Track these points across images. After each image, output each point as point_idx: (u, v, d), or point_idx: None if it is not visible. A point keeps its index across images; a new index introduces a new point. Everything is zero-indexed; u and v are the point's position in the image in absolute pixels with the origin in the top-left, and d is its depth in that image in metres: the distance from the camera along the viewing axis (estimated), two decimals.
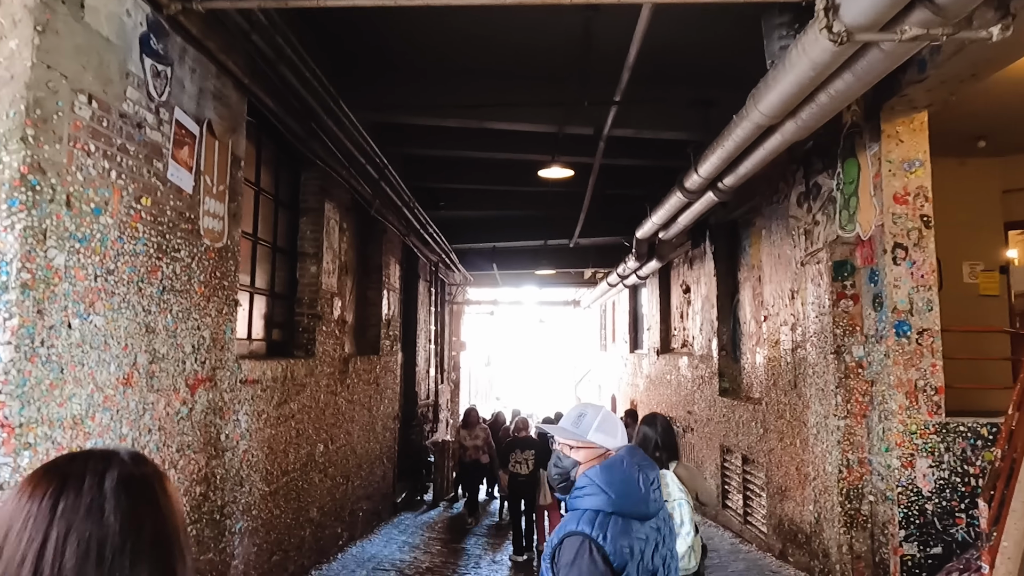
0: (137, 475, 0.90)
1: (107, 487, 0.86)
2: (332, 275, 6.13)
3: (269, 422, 4.67)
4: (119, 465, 0.89)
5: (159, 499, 0.90)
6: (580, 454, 2.10)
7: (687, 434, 10.89)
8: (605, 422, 2.11)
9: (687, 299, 11.14)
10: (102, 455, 0.91)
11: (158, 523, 0.88)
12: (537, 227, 11.19)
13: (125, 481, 0.88)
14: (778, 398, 6.83)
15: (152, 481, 0.91)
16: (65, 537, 0.82)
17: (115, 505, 0.85)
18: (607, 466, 1.99)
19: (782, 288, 6.76)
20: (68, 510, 0.84)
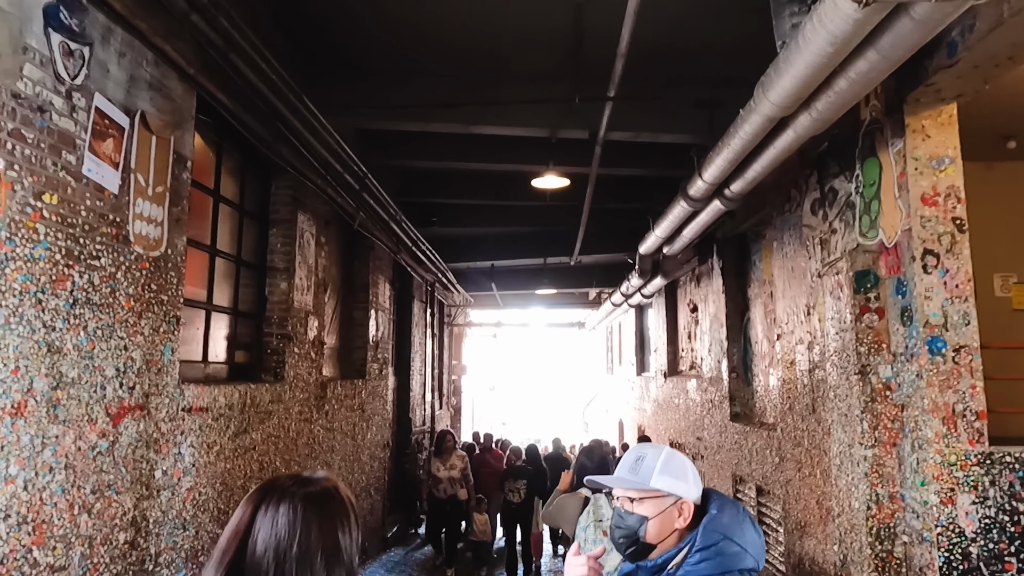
0: (315, 495, 1.23)
1: (292, 503, 1.20)
2: (306, 292, 5.66)
3: (223, 455, 4.17)
4: (308, 486, 1.25)
5: (326, 517, 1.21)
6: (646, 507, 1.70)
7: (697, 461, 10.27)
8: (670, 463, 1.73)
9: (694, 318, 10.60)
10: (299, 479, 1.29)
11: (324, 533, 1.18)
12: (536, 244, 10.73)
13: (306, 499, 1.22)
14: (795, 424, 6.25)
15: (325, 502, 1.22)
16: (258, 534, 1.20)
17: (294, 516, 1.19)
18: (720, 514, 1.66)
19: (796, 304, 6.23)
20: (263, 516, 1.22)
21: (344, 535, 1.21)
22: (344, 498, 1.28)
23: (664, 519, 1.67)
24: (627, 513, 1.71)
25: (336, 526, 1.21)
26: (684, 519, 1.68)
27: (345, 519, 1.23)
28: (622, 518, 1.72)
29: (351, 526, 1.23)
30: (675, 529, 1.68)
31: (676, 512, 1.68)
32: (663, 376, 12.25)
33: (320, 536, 1.19)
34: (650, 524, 1.67)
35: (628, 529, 1.69)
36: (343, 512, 1.23)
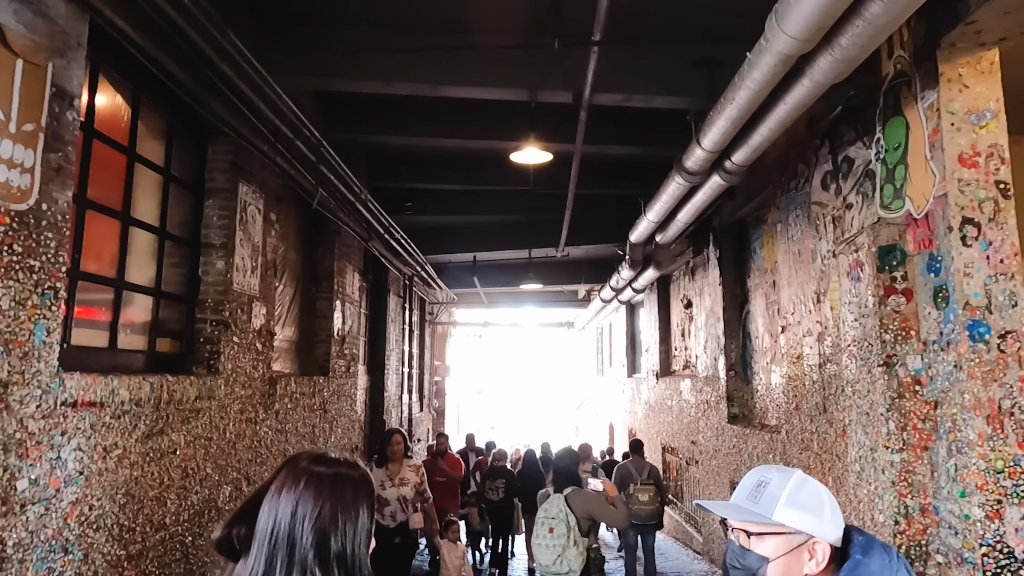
0: (328, 476, 1.18)
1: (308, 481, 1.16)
2: (251, 274, 4.96)
3: (128, 460, 3.46)
4: (324, 465, 1.20)
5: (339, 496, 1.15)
6: (768, 545, 1.39)
7: (691, 467, 9.63)
8: (800, 492, 1.40)
9: (689, 315, 9.96)
10: (321, 457, 1.24)
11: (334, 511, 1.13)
12: (521, 234, 10.06)
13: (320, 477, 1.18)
14: (802, 425, 5.60)
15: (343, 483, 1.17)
16: (265, 506, 1.17)
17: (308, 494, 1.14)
18: (867, 559, 1.33)
19: (804, 291, 5.59)
20: (276, 490, 1.18)
21: (347, 522, 1.14)
22: (358, 486, 1.20)
23: (790, 562, 1.35)
24: (743, 550, 1.40)
25: (339, 511, 1.14)
26: (817, 563, 1.36)
27: (351, 507, 1.15)
28: (738, 555, 1.41)
29: (358, 514, 1.16)
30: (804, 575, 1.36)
31: (806, 554, 1.36)
32: (655, 377, 11.60)
33: (322, 519, 1.12)
34: (772, 567, 1.35)
35: (747, 570, 1.38)
36: (351, 499, 1.16)
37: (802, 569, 1.34)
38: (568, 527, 3.68)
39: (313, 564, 1.08)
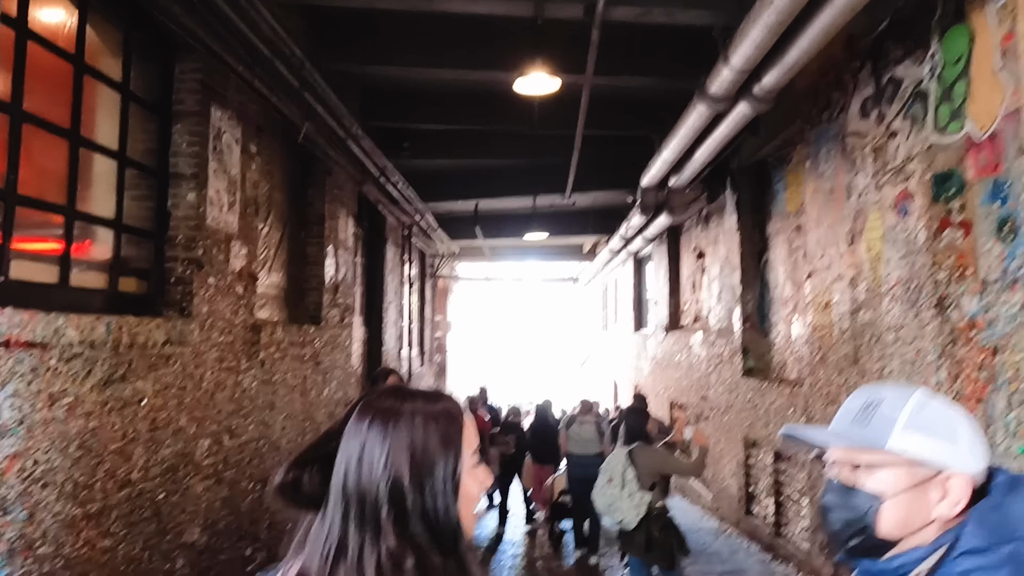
0: (398, 412, 0.94)
1: (374, 419, 0.93)
2: (227, 210, 4.50)
3: (82, 410, 3.07)
4: (397, 399, 0.96)
5: (413, 437, 0.92)
6: (881, 479, 1.01)
7: (699, 423, 9.29)
8: (924, 412, 1.02)
9: (701, 266, 9.50)
10: (391, 391, 0.99)
11: (409, 456, 0.90)
12: (525, 180, 9.53)
13: (388, 413, 0.94)
14: (828, 377, 5.20)
15: (418, 420, 0.93)
16: (349, 458, 0.93)
17: (376, 437, 0.92)
18: (1011, 499, 0.97)
19: (835, 233, 5.11)
20: (353, 437, 0.95)
21: (425, 469, 0.90)
22: (438, 422, 0.93)
23: (913, 502, 1.00)
24: (846, 489, 1.04)
25: (414, 456, 0.90)
26: (952, 503, 1.00)
27: (429, 450, 0.91)
28: (839, 495, 1.05)
29: (439, 457, 0.91)
30: (932, 520, 1.00)
31: (936, 492, 1.00)
32: (663, 331, 11.21)
33: (394, 467, 0.89)
34: (888, 508, 1.00)
35: (851, 511, 1.02)
36: (428, 440, 0.91)
37: (929, 511, 0.99)
38: (624, 480, 3.75)
39: (388, 522, 0.87)
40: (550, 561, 6.59)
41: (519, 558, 6.69)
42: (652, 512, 3.75)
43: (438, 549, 0.88)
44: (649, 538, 3.70)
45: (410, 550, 0.87)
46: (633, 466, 3.82)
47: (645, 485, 3.80)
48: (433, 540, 0.88)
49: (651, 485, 3.85)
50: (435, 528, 0.88)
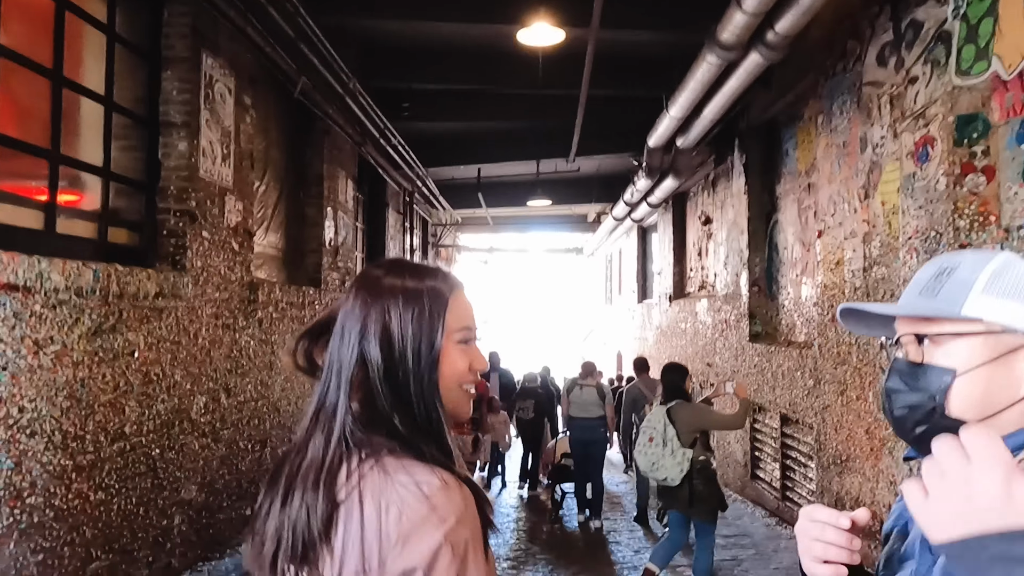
0: (378, 280, 0.95)
1: (358, 290, 0.95)
2: (221, 163, 4.37)
3: (71, 359, 2.97)
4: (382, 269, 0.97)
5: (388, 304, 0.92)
6: (955, 351, 0.83)
7: (704, 390, 9.22)
8: (1008, 274, 0.84)
9: (707, 232, 9.35)
10: (382, 263, 1.00)
11: (380, 323, 0.91)
12: (529, 143, 9.33)
13: (370, 283, 0.96)
14: (838, 338, 5.08)
15: (395, 288, 0.94)
16: (336, 327, 0.95)
17: (355, 306, 0.94)
18: None
19: (848, 189, 4.96)
20: (342, 309, 0.97)
21: (396, 336, 0.90)
22: (418, 294, 0.93)
23: (995, 375, 0.81)
24: (913, 366, 0.86)
25: (387, 323, 0.91)
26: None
27: (401, 318, 0.91)
28: (904, 375, 0.87)
29: (411, 326, 0.91)
30: (1021, 397, 0.80)
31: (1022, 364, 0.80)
32: (668, 300, 11.09)
33: (366, 333, 0.91)
34: (963, 384, 0.81)
35: (918, 393, 0.84)
36: (403, 307, 0.91)
37: (1017, 388, 0.81)
38: (665, 439, 3.79)
39: (356, 388, 0.90)
40: (552, 525, 6.55)
41: (521, 522, 6.66)
42: (695, 467, 3.81)
43: (409, 419, 0.88)
44: (692, 493, 3.76)
45: (377, 414, 0.88)
46: (673, 424, 3.85)
47: (686, 442, 3.84)
48: (403, 410, 0.88)
49: (692, 441, 3.88)
50: (405, 398, 0.89)
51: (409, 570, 0.78)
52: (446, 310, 0.93)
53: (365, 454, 0.85)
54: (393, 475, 0.81)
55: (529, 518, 6.84)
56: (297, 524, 0.83)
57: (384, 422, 0.88)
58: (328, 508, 0.82)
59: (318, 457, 0.86)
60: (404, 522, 0.78)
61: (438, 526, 0.78)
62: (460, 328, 0.94)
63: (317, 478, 0.84)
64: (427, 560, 0.77)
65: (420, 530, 0.78)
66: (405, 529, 0.78)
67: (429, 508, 0.79)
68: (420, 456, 0.84)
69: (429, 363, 0.91)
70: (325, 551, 0.81)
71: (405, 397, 0.89)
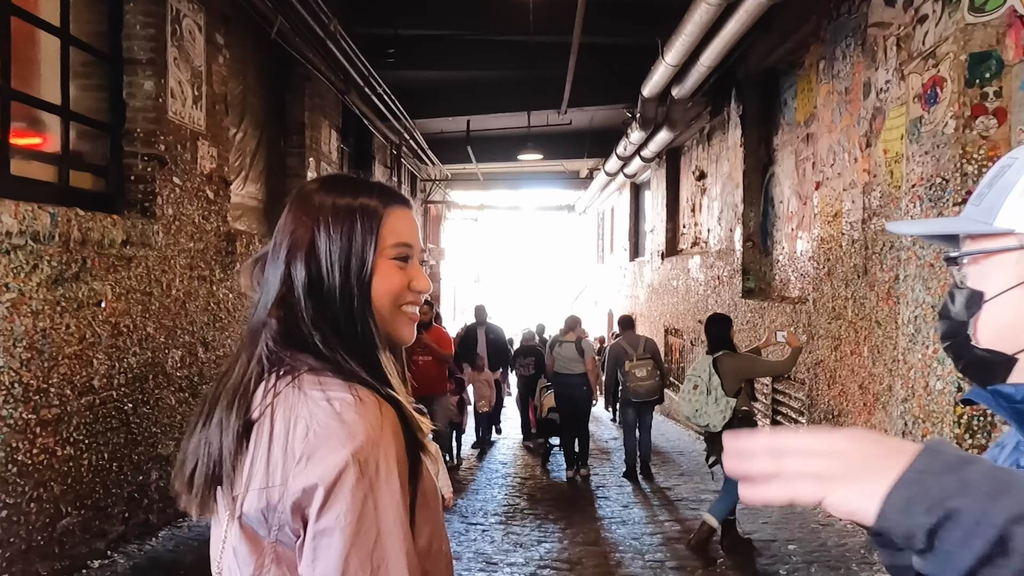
0: (306, 196, 0.90)
1: (289, 207, 0.90)
2: (192, 105, 4.13)
3: (29, 308, 2.81)
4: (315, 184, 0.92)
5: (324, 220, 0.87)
6: (987, 273, 0.68)
7: (695, 348, 9.17)
8: None
9: (701, 187, 9.16)
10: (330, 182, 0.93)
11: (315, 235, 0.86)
12: (519, 94, 9.03)
13: (301, 198, 0.90)
14: (834, 292, 4.97)
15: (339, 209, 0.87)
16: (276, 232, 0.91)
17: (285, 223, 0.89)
18: None
19: (849, 137, 4.78)
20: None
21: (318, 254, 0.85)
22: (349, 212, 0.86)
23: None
24: (954, 287, 0.72)
25: (311, 240, 0.85)
26: None
27: (324, 236, 0.85)
28: (946, 301, 0.74)
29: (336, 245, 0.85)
30: None
31: None
32: (660, 257, 10.96)
33: (289, 251, 0.85)
34: (989, 308, 0.67)
35: (950, 321, 0.72)
36: (331, 224, 0.85)
37: None
38: (709, 387, 3.89)
39: (280, 304, 0.85)
40: (540, 477, 6.54)
41: (510, 477, 6.63)
42: (736, 415, 3.91)
43: (335, 336, 0.83)
44: None
45: (299, 332, 0.83)
46: (718, 373, 3.95)
47: (731, 391, 3.93)
48: (327, 327, 0.83)
49: (736, 391, 3.97)
50: (330, 315, 0.83)
51: (311, 487, 0.73)
52: (380, 225, 0.87)
53: (283, 371, 0.80)
54: (307, 391, 0.78)
55: (517, 474, 6.82)
56: (211, 443, 0.81)
57: (306, 340, 0.82)
58: (239, 426, 0.79)
59: (238, 376, 0.83)
60: (311, 438, 0.74)
61: (345, 443, 0.73)
62: (395, 244, 0.87)
63: (233, 397, 0.81)
64: (330, 478, 0.72)
65: (325, 447, 0.73)
66: (311, 445, 0.74)
67: (338, 424, 0.74)
68: (339, 372, 0.80)
69: (360, 279, 0.85)
70: (235, 470, 0.78)
71: (330, 313, 0.84)
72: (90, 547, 3.25)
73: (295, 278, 0.83)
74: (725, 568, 3.81)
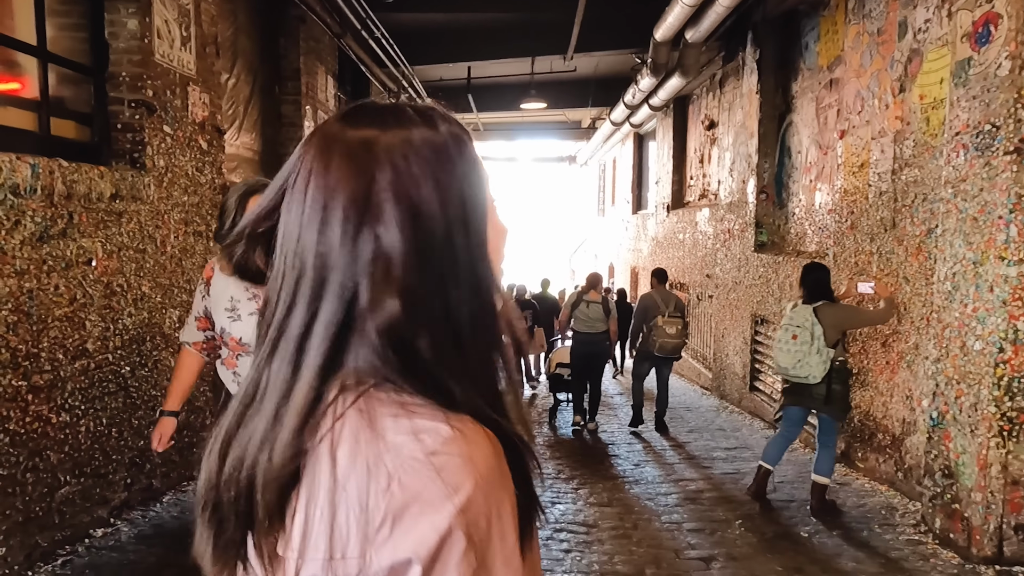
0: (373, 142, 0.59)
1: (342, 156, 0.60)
2: (181, 47, 3.83)
3: (13, 268, 2.60)
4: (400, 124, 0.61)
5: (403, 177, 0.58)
6: None
7: (702, 303, 9.03)
8: None
9: (711, 137, 8.86)
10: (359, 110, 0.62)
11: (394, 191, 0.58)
12: (522, 38, 8.63)
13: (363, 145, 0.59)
14: (857, 247, 4.78)
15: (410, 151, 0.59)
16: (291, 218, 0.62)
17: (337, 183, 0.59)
18: None
19: (880, 82, 4.51)
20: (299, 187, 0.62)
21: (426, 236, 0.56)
22: (450, 157, 0.59)
23: None
24: None
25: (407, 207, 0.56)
26: None
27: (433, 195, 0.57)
28: None
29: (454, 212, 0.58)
30: None
31: None
32: (665, 210, 10.71)
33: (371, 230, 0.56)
34: None
35: None
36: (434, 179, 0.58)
37: None
38: (812, 336, 3.79)
39: (341, 290, 0.55)
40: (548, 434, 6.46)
41: None
42: (834, 367, 3.83)
43: (442, 339, 0.56)
44: (830, 392, 3.82)
45: (393, 331, 0.55)
46: (820, 323, 3.84)
47: (830, 341, 3.83)
48: (434, 327, 0.56)
49: (835, 342, 3.86)
50: (440, 306, 0.56)
51: (400, 564, 0.51)
52: (482, 168, 0.62)
53: (349, 383, 0.55)
54: (384, 419, 0.53)
55: None
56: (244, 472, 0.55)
57: (397, 342, 0.55)
58: (292, 455, 0.54)
59: (282, 383, 0.57)
60: (395, 491, 0.51)
61: (445, 499, 0.51)
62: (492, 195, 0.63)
63: (279, 409, 0.56)
64: (428, 551, 0.50)
65: (417, 504, 0.51)
66: (398, 502, 0.51)
67: (433, 470, 0.52)
68: (434, 393, 0.55)
69: (479, 245, 0.59)
70: (278, 520, 0.54)
71: (440, 304, 0.57)
72: (92, 515, 3.13)
73: (390, 253, 0.56)
74: (745, 530, 3.72)
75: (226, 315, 2.13)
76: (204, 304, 2.21)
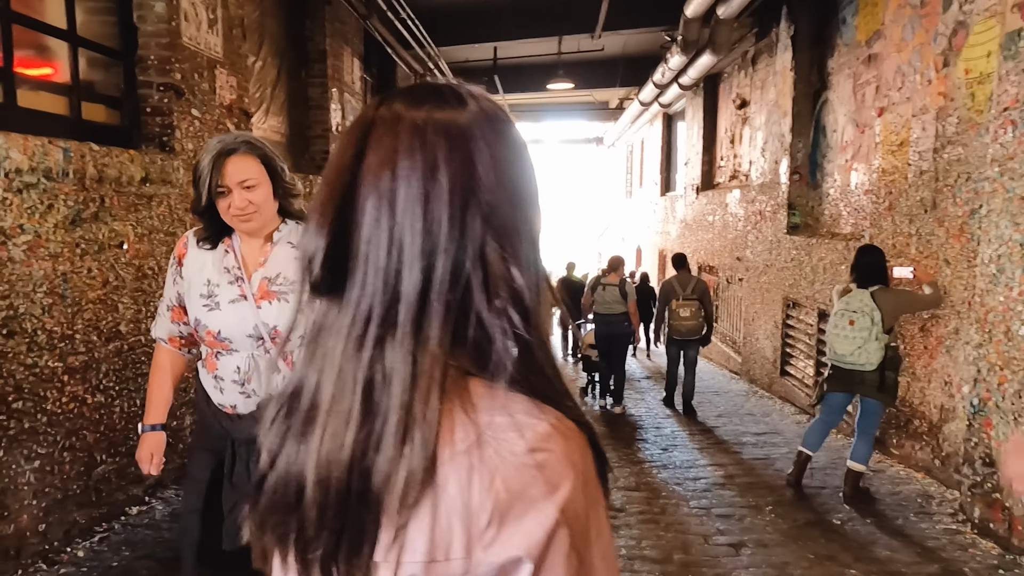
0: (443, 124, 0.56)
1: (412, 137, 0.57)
2: (208, 30, 3.83)
3: (47, 251, 2.64)
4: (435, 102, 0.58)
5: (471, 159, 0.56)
6: None
7: (731, 286, 8.89)
8: None
9: (743, 116, 8.66)
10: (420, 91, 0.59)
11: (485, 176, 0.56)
12: (550, 17, 8.49)
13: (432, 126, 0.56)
14: (895, 228, 4.64)
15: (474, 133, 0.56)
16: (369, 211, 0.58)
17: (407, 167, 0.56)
18: None
19: (922, 57, 4.34)
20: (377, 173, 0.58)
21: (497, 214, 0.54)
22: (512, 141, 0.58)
23: None
24: None
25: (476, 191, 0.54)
26: None
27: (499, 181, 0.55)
28: None
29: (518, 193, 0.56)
30: None
31: None
32: (695, 192, 10.54)
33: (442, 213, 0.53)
34: None
35: None
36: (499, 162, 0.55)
37: None
38: (872, 322, 3.66)
39: (446, 286, 0.52)
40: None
41: None
42: (888, 354, 3.72)
43: (527, 322, 0.54)
44: (883, 379, 3.71)
45: (479, 325, 0.53)
46: (879, 308, 3.69)
47: (887, 327, 3.71)
48: (517, 310, 0.54)
49: (890, 328, 3.74)
50: (517, 293, 0.54)
51: (511, 562, 0.50)
52: None
53: (450, 376, 0.54)
54: (482, 413, 0.52)
55: None
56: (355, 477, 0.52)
57: (482, 335, 0.53)
58: (427, 459, 0.51)
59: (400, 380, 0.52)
60: (499, 489, 0.50)
61: (548, 495, 0.50)
62: None
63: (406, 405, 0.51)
64: (538, 547, 0.49)
65: (523, 502, 0.50)
66: (503, 500, 0.50)
67: (535, 467, 0.51)
68: (523, 386, 0.53)
69: (539, 229, 0.58)
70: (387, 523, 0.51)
71: (517, 291, 0.54)
72: (127, 494, 3.19)
73: (485, 245, 0.54)
74: (775, 516, 3.67)
75: (201, 303, 1.71)
76: (176, 289, 1.79)
